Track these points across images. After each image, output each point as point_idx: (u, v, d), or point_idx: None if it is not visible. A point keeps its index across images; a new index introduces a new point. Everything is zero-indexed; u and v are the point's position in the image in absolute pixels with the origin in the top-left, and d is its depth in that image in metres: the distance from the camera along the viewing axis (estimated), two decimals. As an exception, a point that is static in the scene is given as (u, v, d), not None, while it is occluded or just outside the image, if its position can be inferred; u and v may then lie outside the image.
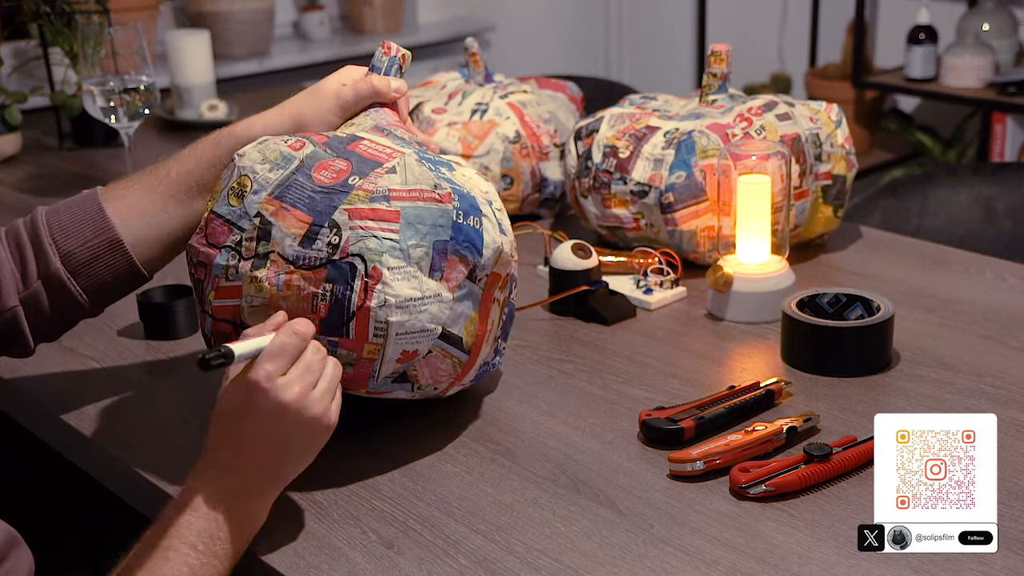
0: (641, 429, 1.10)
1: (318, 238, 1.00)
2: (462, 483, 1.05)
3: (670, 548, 0.94)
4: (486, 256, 1.05)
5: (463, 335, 1.06)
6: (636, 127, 1.50)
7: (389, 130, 1.13)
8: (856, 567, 0.90)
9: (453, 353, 1.06)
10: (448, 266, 1.03)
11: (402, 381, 1.05)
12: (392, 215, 1.01)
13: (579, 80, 2.08)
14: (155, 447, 1.14)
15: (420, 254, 1.01)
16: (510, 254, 1.10)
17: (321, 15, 3.35)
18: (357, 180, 1.02)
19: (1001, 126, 3.17)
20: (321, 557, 0.95)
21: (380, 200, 1.01)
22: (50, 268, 1.11)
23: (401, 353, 1.02)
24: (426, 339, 1.03)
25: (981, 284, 1.45)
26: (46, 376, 1.29)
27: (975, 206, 1.85)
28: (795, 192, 1.45)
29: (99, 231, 1.11)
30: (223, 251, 1.03)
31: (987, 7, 3.23)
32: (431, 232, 1.02)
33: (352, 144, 1.07)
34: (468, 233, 1.04)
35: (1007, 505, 0.97)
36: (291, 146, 1.06)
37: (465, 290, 1.05)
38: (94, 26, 1.82)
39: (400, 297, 1.00)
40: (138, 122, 1.78)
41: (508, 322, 1.17)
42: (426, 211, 1.02)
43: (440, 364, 1.06)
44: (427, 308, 1.01)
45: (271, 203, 1.02)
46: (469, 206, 1.05)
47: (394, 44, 1.19)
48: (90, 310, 1.14)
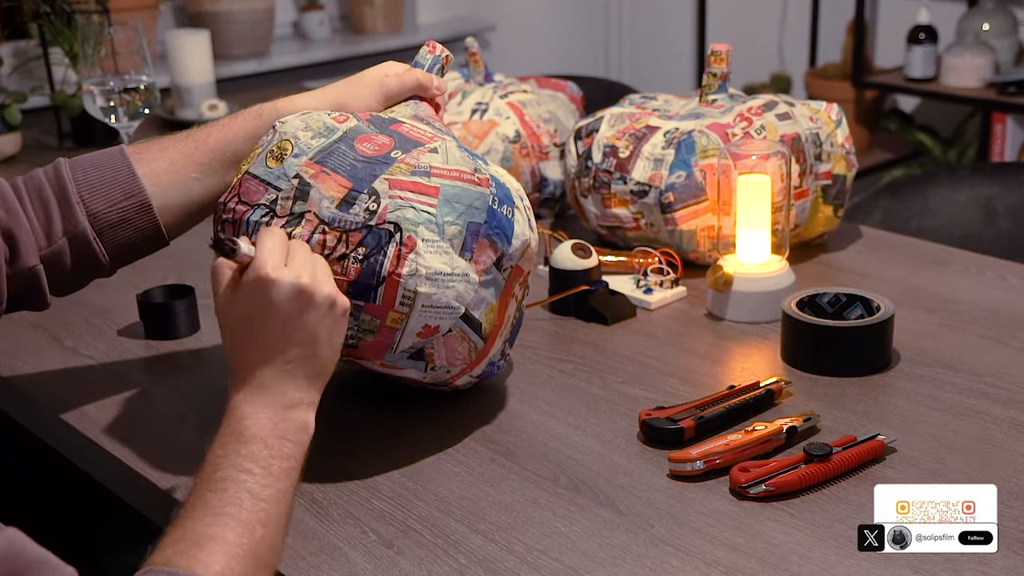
0: (641, 429, 1.10)
1: (356, 203, 1.02)
2: (462, 483, 1.05)
3: (670, 548, 0.94)
4: (515, 246, 1.07)
5: (483, 321, 1.07)
6: (636, 127, 1.50)
7: (429, 120, 1.15)
8: (856, 567, 0.90)
9: (471, 337, 1.07)
10: (479, 249, 1.04)
11: (417, 359, 1.06)
12: (432, 190, 1.03)
13: (579, 80, 2.08)
14: (155, 447, 1.14)
15: (454, 231, 1.03)
16: (534, 251, 1.12)
17: (321, 15, 3.35)
18: (399, 154, 1.05)
19: (1001, 126, 3.17)
20: (321, 557, 0.95)
21: (421, 175, 1.03)
22: (77, 227, 1.09)
23: (423, 327, 1.03)
24: (449, 316, 1.04)
25: (981, 284, 1.45)
26: (46, 376, 1.29)
27: (975, 206, 1.85)
28: (795, 192, 1.45)
29: (129, 193, 1.10)
30: (257, 208, 1.04)
31: (987, 7, 3.23)
32: (467, 212, 1.04)
33: (395, 125, 1.09)
34: (501, 220, 1.06)
35: (1007, 505, 0.97)
36: (335, 119, 1.08)
37: (491, 276, 1.06)
38: (94, 26, 1.82)
39: (431, 269, 1.01)
40: (138, 122, 1.77)
41: (517, 326, 1.17)
42: (464, 191, 1.04)
43: (457, 346, 1.07)
44: (454, 285, 1.03)
45: (311, 167, 1.03)
46: (504, 195, 1.08)
47: (439, 44, 1.21)
48: (108, 270, 1.13)
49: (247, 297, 0.93)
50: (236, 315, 0.94)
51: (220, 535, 0.83)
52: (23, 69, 2.49)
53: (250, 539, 0.84)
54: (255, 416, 0.91)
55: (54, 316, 1.43)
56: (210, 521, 0.84)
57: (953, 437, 1.09)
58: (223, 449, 0.89)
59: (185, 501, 0.87)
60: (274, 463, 0.89)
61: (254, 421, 0.91)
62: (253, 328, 0.93)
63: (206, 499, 0.86)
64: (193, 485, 0.88)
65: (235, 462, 0.88)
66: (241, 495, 0.86)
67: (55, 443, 1.25)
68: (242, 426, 0.90)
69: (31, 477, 1.62)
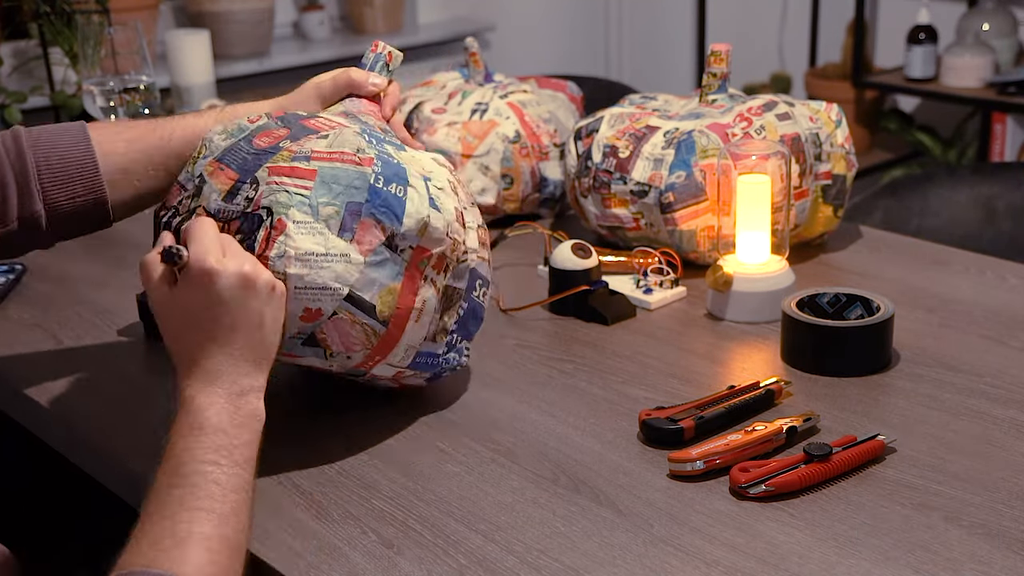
0: (641, 429, 1.10)
1: (239, 193, 1.03)
2: (462, 483, 1.05)
3: (670, 548, 0.94)
4: (407, 225, 1.04)
5: (377, 303, 1.04)
6: (636, 127, 1.50)
7: (355, 115, 1.14)
8: (856, 567, 0.90)
9: (364, 320, 1.04)
10: (361, 228, 1.03)
11: (312, 344, 1.04)
12: (309, 173, 1.03)
13: (579, 80, 2.08)
14: (155, 447, 1.13)
15: (330, 212, 1.02)
16: (444, 233, 1.07)
17: (321, 15, 3.35)
18: (287, 143, 1.05)
19: (1001, 126, 3.17)
20: (321, 557, 0.95)
21: (301, 160, 1.03)
22: (32, 214, 1.11)
23: (304, 310, 1.02)
24: (329, 298, 1.02)
25: (981, 284, 1.45)
26: (46, 376, 1.29)
27: (975, 206, 1.85)
28: (795, 192, 1.45)
29: (90, 189, 1.12)
30: (169, 211, 1.07)
31: (987, 7, 3.23)
32: (345, 192, 1.03)
33: (305, 120, 1.09)
34: (386, 198, 1.04)
35: (1007, 505, 0.97)
36: (250, 119, 1.10)
37: (381, 256, 1.04)
38: (94, 26, 1.83)
39: (300, 250, 1.00)
40: (138, 122, 1.78)
41: (469, 320, 1.15)
42: (343, 171, 1.03)
43: (350, 330, 1.04)
44: (330, 266, 1.01)
45: (211, 164, 1.06)
46: (393, 174, 1.05)
47: (382, 43, 1.22)
48: (45, 247, 1.16)
49: (192, 289, 0.94)
50: (180, 307, 0.95)
51: (198, 531, 0.84)
52: (23, 69, 2.49)
53: (225, 530, 0.86)
54: (213, 407, 0.92)
55: (53, 316, 1.43)
56: (186, 517, 0.85)
57: (953, 437, 1.09)
58: (185, 442, 0.89)
59: (150, 496, 0.87)
60: (236, 452, 0.90)
61: (214, 412, 0.91)
62: (201, 319, 0.94)
63: (177, 495, 0.86)
64: (157, 480, 0.88)
65: (200, 455, 0.88)
66: (211, 488, 0.87)
67: (54, 442, 1.25)
68: (203, 418, 0.91)
69: (30, 476, 1.61)
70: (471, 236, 1.13)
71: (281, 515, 1.00)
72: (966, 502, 0.98)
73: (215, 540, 0.84)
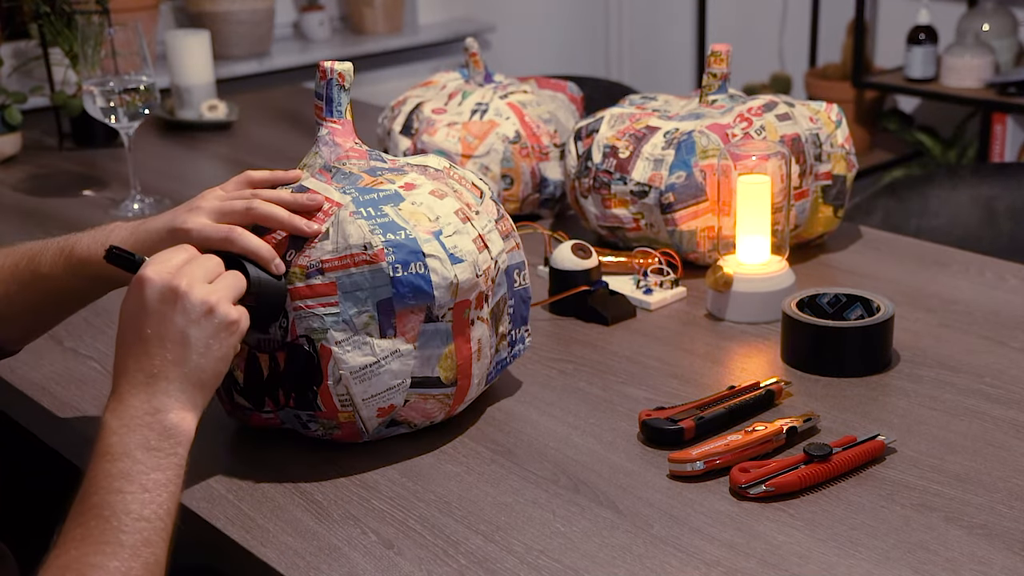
0: (641, 429, 1.10)
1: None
2: (462, 483, 1.05)
3: (670, 548, 0.94)
4: (439, 296, 1.02)
5: (439, 374, 1.05)
6: (636, 127, 1.50)
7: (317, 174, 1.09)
8: (856, 567, 0.90)
9: (433, 393, 1.06)
10: (400, 321, 1.02)
11: (396, 425, 1.08)
12: (328, 288, 1.00)
13: (579, 80, 2.09)
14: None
15: (365, 319, 1.01)
16: (471, 278, 1.05)
17: (321, 15, 3.36)
18: (293, 256, 1.01)
19: (1001, 126, 3.17)
20: (321, 557, 0.95)
21: (315, 275, 1.01)
22: None
23: (377, 411, 1.04)
24: (396, 393, 1.04)
25: (981, 284, 1.45)
26: (46, 376, 1.29)
27: (975, 206, 1.85)
28: (795, 192, 1.45)
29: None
30: None
31: (987, 7, 3.23)
32: (371, 295, 1.01)
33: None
34: (411, 283, 1.01)
35: (1007, 505, 0.97)
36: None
37: (428, 333, 1.03)
38: (94, 26, 1.82)
39: (354, 367, 1.01)
40: (138, 122, 1.78)
41: (520, 310, 1.16)
42: (360, 276, 1.00)
43: (425, 404, 1.07)
44: (387, 367, 1.02)
45: None
46: (408, 253, 1.01)
47: (328, 65, 1.10)
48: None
49: (128, 297, 0.92)
50: (121, 317, 0.92)
51: (105, 564, 0.81)
52: (23, 69, 2.49)
53: (136, 563, 0.82)
54: (120, 431, 0.87)
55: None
56: (93, 551, 0.81)
57: (953, 437, 1.09)
58: (94, 470, 0.85)
59: (65, 526, 0.84)
60: (145, 477, 0.85)
61: (120, 437, 0.87)
62: (127, 329, 0.91)
63: (88, 527, 0.83)
64: (72, 509, 0.84)
65: (105, 484, 0.84)
66: (121, 518, 0.83)
67: (55, 443, 1.25)
68: (110, 443, 0.86)
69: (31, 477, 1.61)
70: (494, 242, 1.10)
71: (281, 515, 1.00)
72: (966, 502, 0.98)
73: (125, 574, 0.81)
